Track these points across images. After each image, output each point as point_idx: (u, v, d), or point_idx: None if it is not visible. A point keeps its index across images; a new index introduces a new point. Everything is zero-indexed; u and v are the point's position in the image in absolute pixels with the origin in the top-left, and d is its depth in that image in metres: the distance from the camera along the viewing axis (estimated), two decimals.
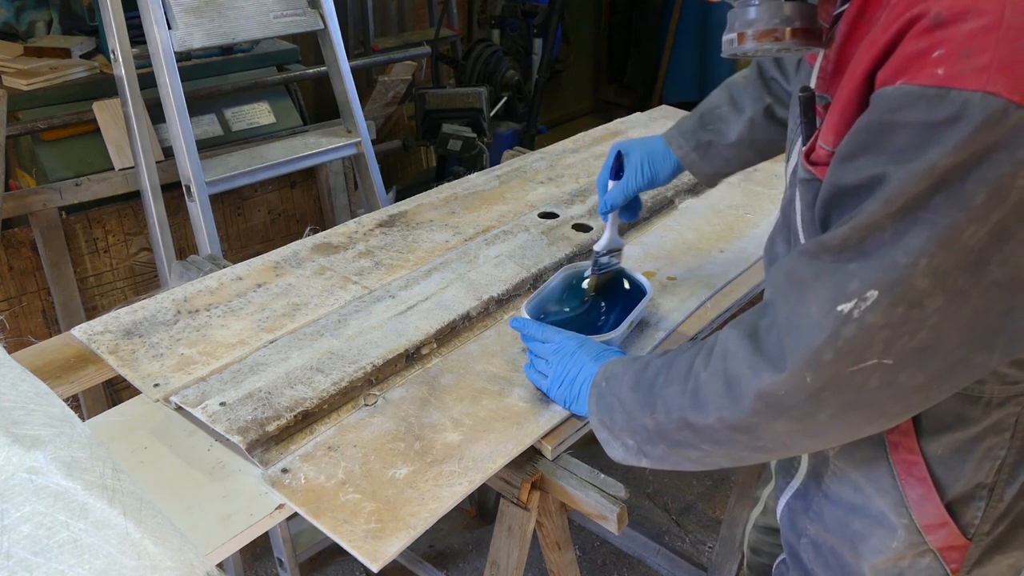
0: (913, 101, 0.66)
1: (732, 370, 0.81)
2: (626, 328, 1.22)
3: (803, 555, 1.04)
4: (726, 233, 1.57)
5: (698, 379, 0.85)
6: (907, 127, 0.67)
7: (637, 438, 0.94)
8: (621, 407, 0.94)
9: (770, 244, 1.05)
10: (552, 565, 1.23)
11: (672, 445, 0.90)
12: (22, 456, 0.51)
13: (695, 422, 0.85)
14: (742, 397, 0.79)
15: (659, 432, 0.90)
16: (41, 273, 2.10)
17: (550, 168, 1.84)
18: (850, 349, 0.72)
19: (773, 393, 0.77)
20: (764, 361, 0.78)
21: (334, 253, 1.45)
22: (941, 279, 0.68)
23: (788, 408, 0.77)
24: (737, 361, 0.81)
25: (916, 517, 0.90)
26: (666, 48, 4.47)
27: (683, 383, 0.86)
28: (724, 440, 0.85)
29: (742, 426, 0.81)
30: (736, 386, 0.80)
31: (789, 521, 1.07)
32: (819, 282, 0.74)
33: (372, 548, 0.90)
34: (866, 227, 0.70)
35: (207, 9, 1.91)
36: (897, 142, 0.68)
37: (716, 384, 0.82)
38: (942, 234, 0.67)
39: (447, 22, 3.38)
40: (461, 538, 2.17)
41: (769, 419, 0.79)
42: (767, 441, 0.82)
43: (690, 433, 0.87)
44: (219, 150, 2.19)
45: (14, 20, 2.32)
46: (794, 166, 0.94)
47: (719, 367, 0.83)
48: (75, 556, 0.48)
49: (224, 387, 1.09)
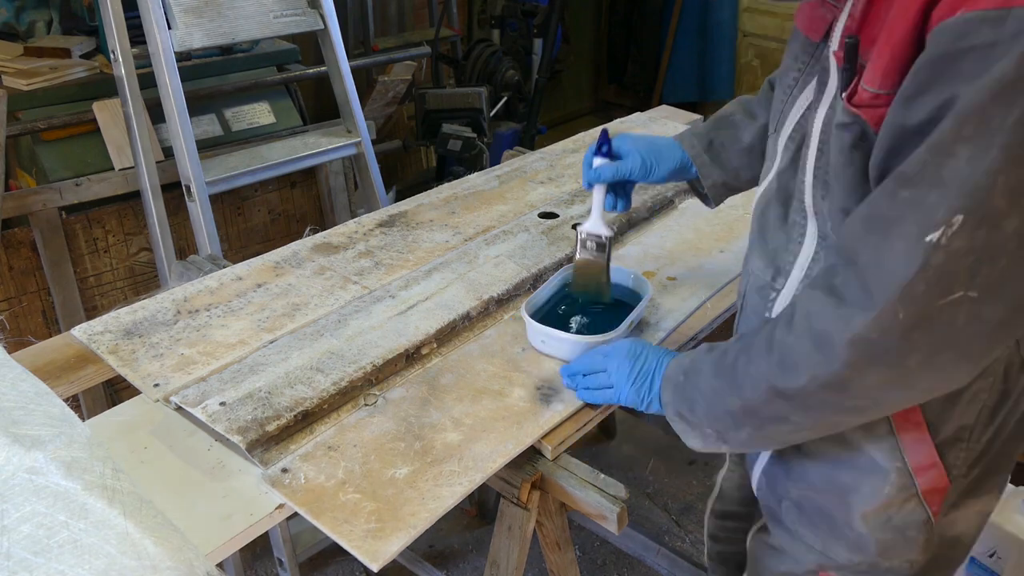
0: (976, 27, 0.69)
1: (819, 327, 0.81)
2: (626, 328, 1.22)
3: (786, 518, 1.06)
4: (726, 233, 1.57)
5: (783, 346, 0.85)
6: (972, 51, 0.69)
7: (720, 425, 0.95)
8: (703, 397, 0.95)
9: (760, 213, 1.05)
10: (552, 565, 1.23)
11: (760, 424, 0.92)
12: (22, 456, 0.51)
13: (785, 388, 0.85)
14: (834, 349, 0.80)
15: (747, 412, 0.91)
16: (41, 273, 2.10)
17: (550, 168, 1.84)
18: (939, 278, 0.74)
19: (865, 337, 0.78)
20: (852, 308, 0.78)
21: (334, 253, 1.45)
22: (1017, 198, 0.70)
23: (880, 354, 0.78)
24: (822, 318, 0.81)
25: (908, 459, 0.93)
26: (666, 48, 4.46)
27: (767, 355, 0.87)
28: (815, 404, 0.86)
29: (836, 382, 0.82)
30: (826, 341, 0.80)
31: (768, 488, 1.08)
32: (904, 217, 0.75)
33: (372, 548, 0.90)
34: (941, 149, 0.72)
35: (207, 9, 1.91)
36: (963, 68, 0.70)
37: (804, 345, 0.83)
38: (1015, 150, 0.69)
39: (447, 22, 3.38)
40: (461, 538, 2.17)
41: (862, 370, 0.80)
42: (858, 398, 0.84)
43: (781, 403, 0.87)
44: (219, 150, 2.19)
45: (14, 20, 2.32)
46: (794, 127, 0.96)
47: (804, 329, 0.83)
48: (75, 556, 0.48)
49: (224, 387, 1.09)
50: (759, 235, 1.05)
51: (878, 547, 0.98)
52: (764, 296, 1.02)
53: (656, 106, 2.38)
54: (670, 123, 2.13)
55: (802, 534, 1.04)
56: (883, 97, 0.79)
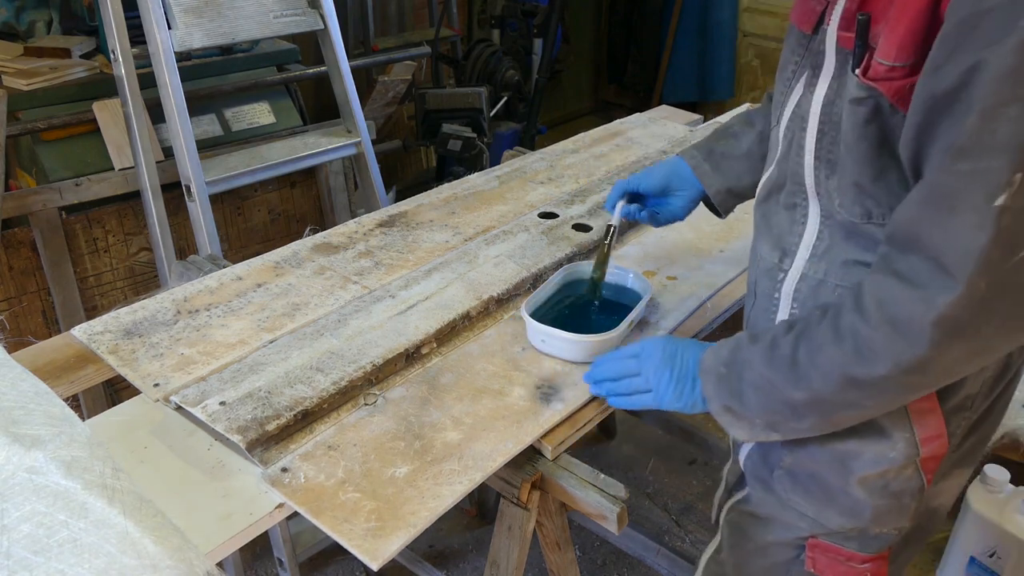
0: None
1: (898, 313, 0.81)
2: (626, 328, 1.22)
3: (777, 486, 1.06)
4: (726, 233, 1.57)
5: (857, 335, 0.84)
6: (992, 11, 0.71)
7: (776, 417, 0.95)
8: (755, 390, 0.94)
9: (763, 200, 1.06)
10: (552, 565, 1.23)
11: (827, 413, 0.92)
12: (22, 456, 0.51)
13: (863, 376, 0.85)
14: (918, 334, 0.80)
15: (815, 402, 0.90)
16: (41, 273, 2.10)
17: (550, 168, 1.84)
18: (1009, 240, 0.75)
19: (951, 316, 0.78)
20: (930, 290, 0.78)
21: (334, 253, 1.45)
22: None
23: (964, 328, 0.79)
24: (900, 303, 0.81)
25: (917, 429, 0.95)
26: (666, 48, 4.46)
27: (837, 345, 0.86)
28: (893, 388, 0.86)
29: (919, 364, 0.82)
30: (908, 326, 0.80)
31: (760, 457, 1.09)
32: (967, 188, 0.75)
33: (372, 547, 0.90)
34: (988, 114, 0.73)
35: (207, 9, 1.91)
36: (985, 28, 0.71)
37: (883, 334, 0.82)
38: None
39: (447, 22, 3.38)
40: (461, 538, 2.17)
41: (946, 348, 0.80)
42: (934, 375, 0.85)
43: (855, 392, 0.87)
44: (219, 150, 2.19)
45: (14, 20, 2.32)
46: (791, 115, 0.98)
47: (879, 317, 0.82)
48: (75, 555, 0.48)
49: (224, 386, 1.09)
50: (763, 222, 1.06)
51: (873, 513, 1.00)
52: (773, 278, 1.03)
53: (656, 106, 2.38)
54: (670, 123, 2.13)
55: (794, 502, 1.05)
56: (899, 69, 0.80)
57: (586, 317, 1.31)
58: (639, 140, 2.01)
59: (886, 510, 1.00)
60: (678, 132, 2.06)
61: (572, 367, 1.20)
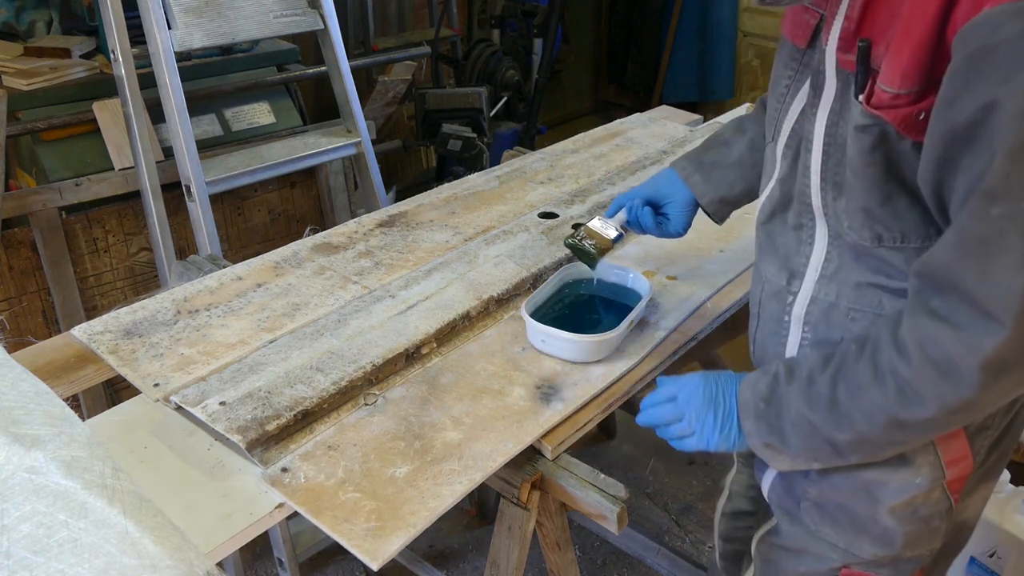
0: (1007, 19, 0.70)
1: (941, 356, 0.80)
2: (626, 327, 1.22)
3: (805, 518, 1.05)
4: (726, 233, 1.57)
5: (899, 378, 0.83)
6: (1004, 44, 0.70)
7: (818, 454, 0.94)
8: (796, 430, 0.93)
9: (766, 220, 1.05)
10: (552, 565, 1.23)
11: (872, 451, 0.92)
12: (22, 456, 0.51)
13: (909, 419, 0.84)
14: (965, 377, 0.79)
15: (860, 442, 0.90)
16: (41, 273, 2.10)
17: (550, 168, 1.84)
18: None
19: (998, 357, 0.77)
20: (975, 333, 0.77)
21: (334, 253, 1.45)
22: None
23: (1011, 366, 0.78)
24: (941, 347, 0.80)
25: (942, 453, 0.94)
26: (666, 48, 4.46)
27: (879, 387, 0.85)
28: (937, 427, 0.86)
29: (965, 405, 0.82)
30: (953, 370, 0.79)
31: (784, 489, 1.08)
32: (1003, 231, 0.75)
33: (372, 546, 0.90)
34: (1016, 155, 0.72)
35: (207, 9, 1.91)
36: (998, 62, 0.71)
37: (926, 376, 0.82)
38: None
39: (447, 22, 3.38)
40: (461, 538, 2.17)
41: (993, 387, 0.80)
42: (978, 412, 0.85)
43: (900, 432, 0.87)
44: (219, 150, 2.19)
45: (14, 20, 2.32)
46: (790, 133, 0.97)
47: (921, 359, 0.81)
48: (75, 555, 0.48)
49: (224, 386, 1.09)
50: (768, 242, 1.05)
51: (904, 539, 0.99)
52: (781, 300, 1.02)
53: (656, 106, 2.38)
54: (670, 123, 2.13)
55: (824, 533, 1.04)
56: (903, 97, 0.80)
57: (586, 317, 1.31)
58: (639, 140, 2.01)
59: (917, 535, 0.99)
60: (678, 132, 2.06)
61: (572, 367, 1.20)
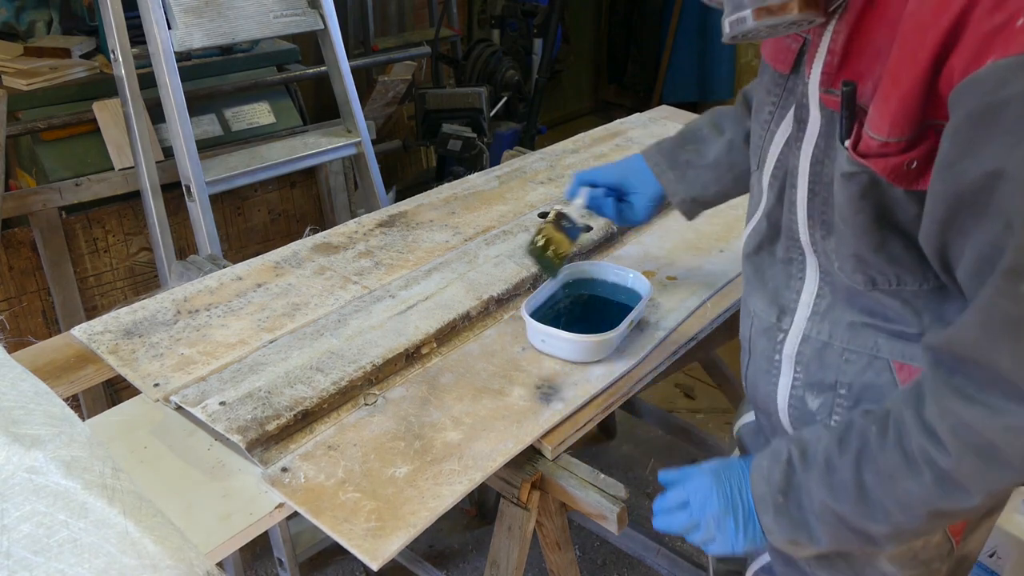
0: (1013, 73, 0.65)
1: (982, 443, 0.76)
2: (626, 328, 1.22)
3: (800, 562, 1.03)
4: (726, 233, 1.57)
5: (935, 467, 0.79)
6: (1012, 101, 0.66)
7: (850, 545, 0.90)
8: (822, 522, 0.88)
9: (753, 253, 1.02)
10: (552, 565, 1.23)
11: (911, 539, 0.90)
12: (22, 456, 0.51)
13: (952, 508, 0.81)
14: (1011, 462, 0.76)
15: (899, 533, 0.86)
16: (41, 273, 2.10)
17: (550, 168, 1.84)
18: None
19: None
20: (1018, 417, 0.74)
21: (334, 253, 1.45)
22: None
23: None
24: (980, 433, 0.76)
25: None
26: (666, 48, 4.46)
27: (915, 477, 0.80)
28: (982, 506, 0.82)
29: (1012, 484, 0.79)
30: (998, 455, 0.76)
31: None
32: None
33: (372, 546, 0.90)
34: None
35: (207, 9, 1.91)
36: (1005, 124, 0.67)
37: (969, 464, 0.77)
38: None
39: (447, 22, 3.38)
40: (461, 538, 2.17)
41: None
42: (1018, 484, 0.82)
43: (943, 520, 0.85)
44: (219, 150, 2.19)
45: (14, 20, 2.32)
46: (775, 164, 0.93)
47: (960, 448, 0.77)
48: (75, 555, 0.48)
49: (224, 386, 1.09)
50: (756, 276, 1.01)
51: None
52: (772, 338, 0.98)
53: (656, 106, 2.37)
54: (670, 123, 2.13)
55: None
56: (892, 145, 0.76)
57: (586, 317, 1.31)
58: (639, 140, 2.01)
59: None
60: None
61: (572, 367, 1.20)
